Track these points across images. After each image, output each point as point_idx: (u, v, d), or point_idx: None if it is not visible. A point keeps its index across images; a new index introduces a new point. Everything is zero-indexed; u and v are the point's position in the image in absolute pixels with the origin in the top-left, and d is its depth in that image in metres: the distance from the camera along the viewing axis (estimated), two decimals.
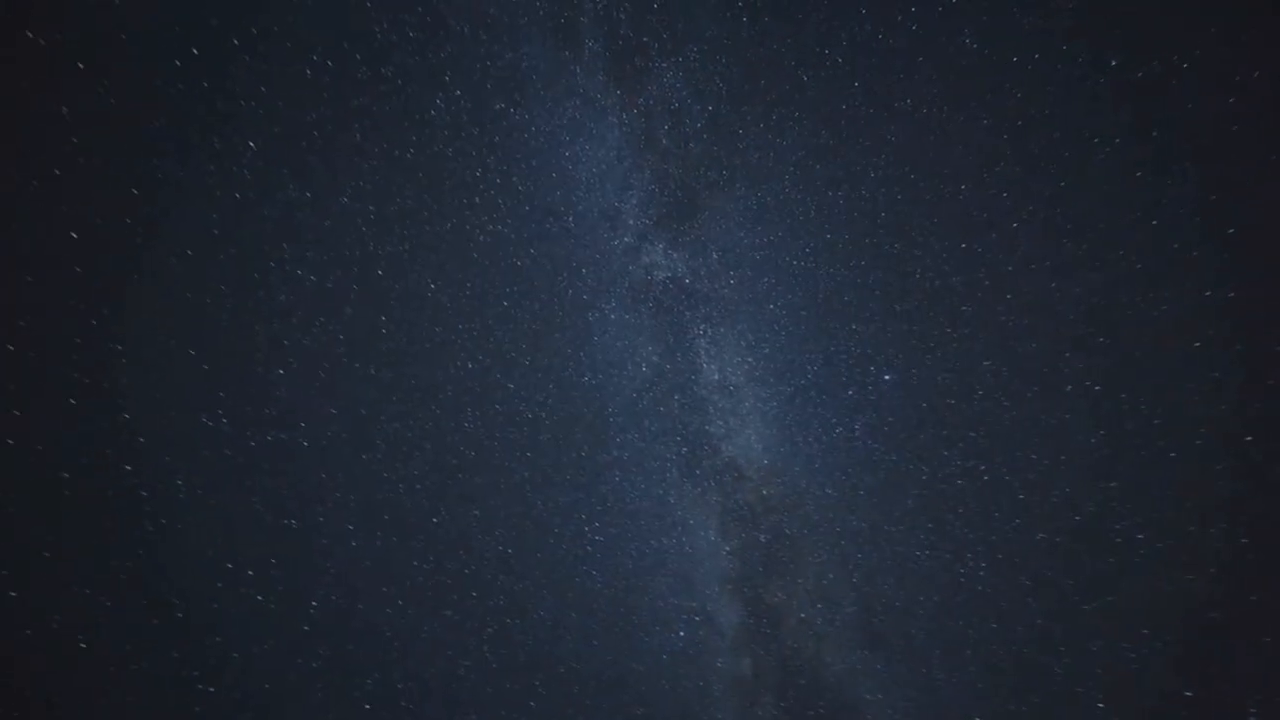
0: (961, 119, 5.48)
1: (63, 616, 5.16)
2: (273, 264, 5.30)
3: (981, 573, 5.86)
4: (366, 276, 5.44)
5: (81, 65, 4.82)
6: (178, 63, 4.99)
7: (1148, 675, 5.69)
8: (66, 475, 5.11)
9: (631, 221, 5.77)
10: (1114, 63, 5.25)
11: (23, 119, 4.70)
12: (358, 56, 5.23)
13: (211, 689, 5.46)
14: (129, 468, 5.21)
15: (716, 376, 5.97)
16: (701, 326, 5.92)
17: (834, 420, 5.94)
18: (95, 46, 4.77)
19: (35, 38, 4.74)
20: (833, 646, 6.07)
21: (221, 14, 5.05)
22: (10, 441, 4.95)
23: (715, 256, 5.79)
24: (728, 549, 6.07)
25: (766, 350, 5.95)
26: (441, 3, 5.26)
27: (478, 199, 5.49)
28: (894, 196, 5.60)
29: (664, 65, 5.44)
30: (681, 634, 6.06)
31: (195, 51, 5.03)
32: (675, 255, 5.81)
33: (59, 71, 4.75)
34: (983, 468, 5.81)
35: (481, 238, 5.54)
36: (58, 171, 4.86)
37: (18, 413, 4.94)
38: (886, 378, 5.86)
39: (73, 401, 5.08)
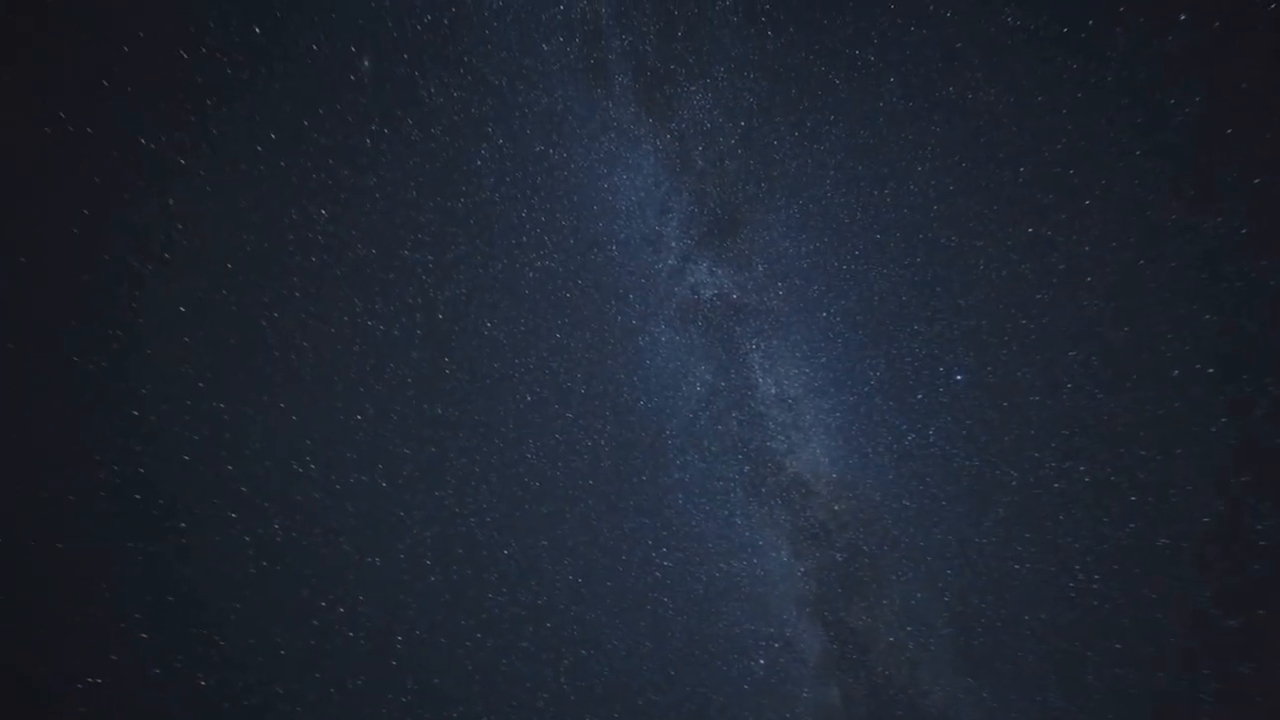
0: (1013, 99, 5.16)
1: (184, 656, 5.65)
2: (346, 319, 5.73)
3: (1095, 586, 5.25)
4: (429, 321, 5.76)
5: (182, 161, 5.52)
6: (259, 148, 5.60)
7: None
8: (184, 524, 5.67)
9: (674, 243, 5.80)
10: (1183, 17, 4.83)
11: (134, 213, 5.41)
12: (410, 121, 5.67)
13: None
14: (234, 515, 5.71)
15: (774, 390, 5.81)
16: (754, 341, 5.80)
17: (904, 427, 5.59)
18: (191, 142, 5.45)
19: (147, 143, 5.48)
20: (929, 673, 5.58)
21: (294, 98, 5.66)
22: (137, 497, 5.58)
23: (761, 269, 5.70)
24: (802, 570, 5.78)
25: (824, 359, 5.73)
26: (480, 61, 5.62)
27: (525, 238, 5.72)
28: (946, 188, 5.32)
29: (693, 89, 5.51)
30: (761, 662, 5.79)
31: (273, 136, 5.64)
32: (720, 272, 5.77)
33: (169, 170, 5.46)
34: (1082, 468, 5.26)
35: (531, 274, 5.76)
36: (167, 256, 5.54)
37: (141, 470, 5.57)
38: (958, 378, 5.47)
39: (186, 458, 5.67)
